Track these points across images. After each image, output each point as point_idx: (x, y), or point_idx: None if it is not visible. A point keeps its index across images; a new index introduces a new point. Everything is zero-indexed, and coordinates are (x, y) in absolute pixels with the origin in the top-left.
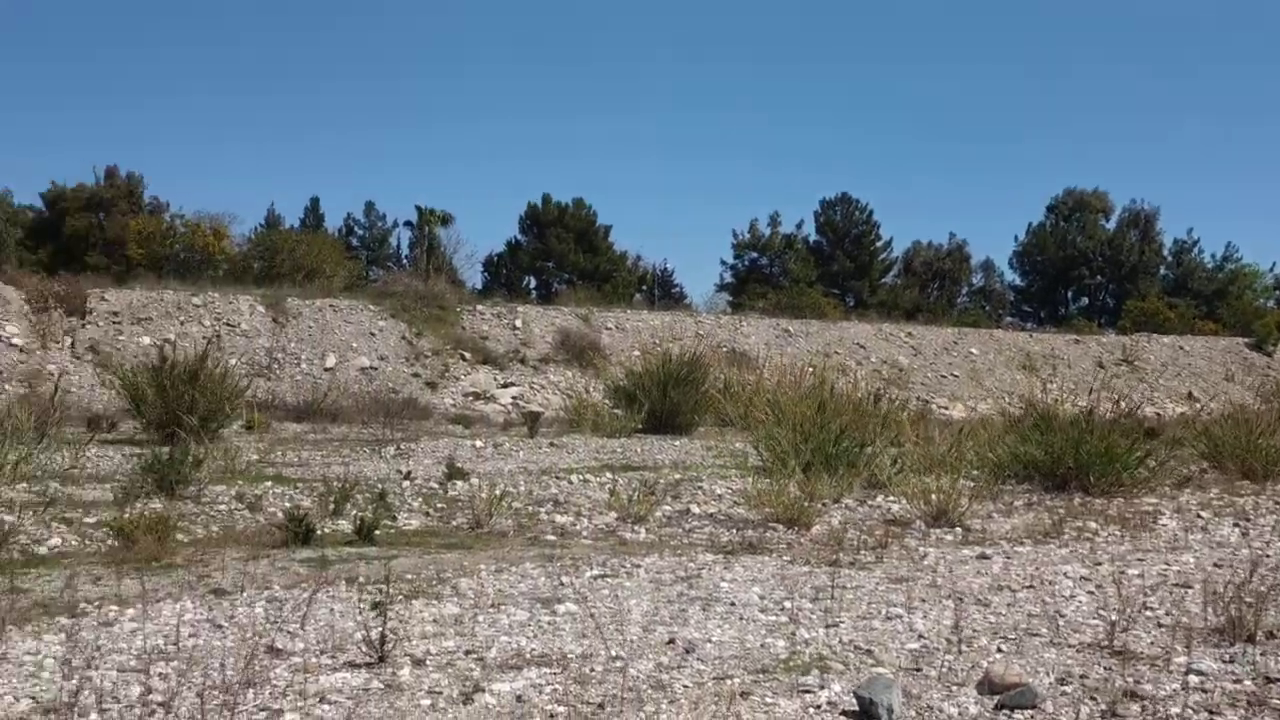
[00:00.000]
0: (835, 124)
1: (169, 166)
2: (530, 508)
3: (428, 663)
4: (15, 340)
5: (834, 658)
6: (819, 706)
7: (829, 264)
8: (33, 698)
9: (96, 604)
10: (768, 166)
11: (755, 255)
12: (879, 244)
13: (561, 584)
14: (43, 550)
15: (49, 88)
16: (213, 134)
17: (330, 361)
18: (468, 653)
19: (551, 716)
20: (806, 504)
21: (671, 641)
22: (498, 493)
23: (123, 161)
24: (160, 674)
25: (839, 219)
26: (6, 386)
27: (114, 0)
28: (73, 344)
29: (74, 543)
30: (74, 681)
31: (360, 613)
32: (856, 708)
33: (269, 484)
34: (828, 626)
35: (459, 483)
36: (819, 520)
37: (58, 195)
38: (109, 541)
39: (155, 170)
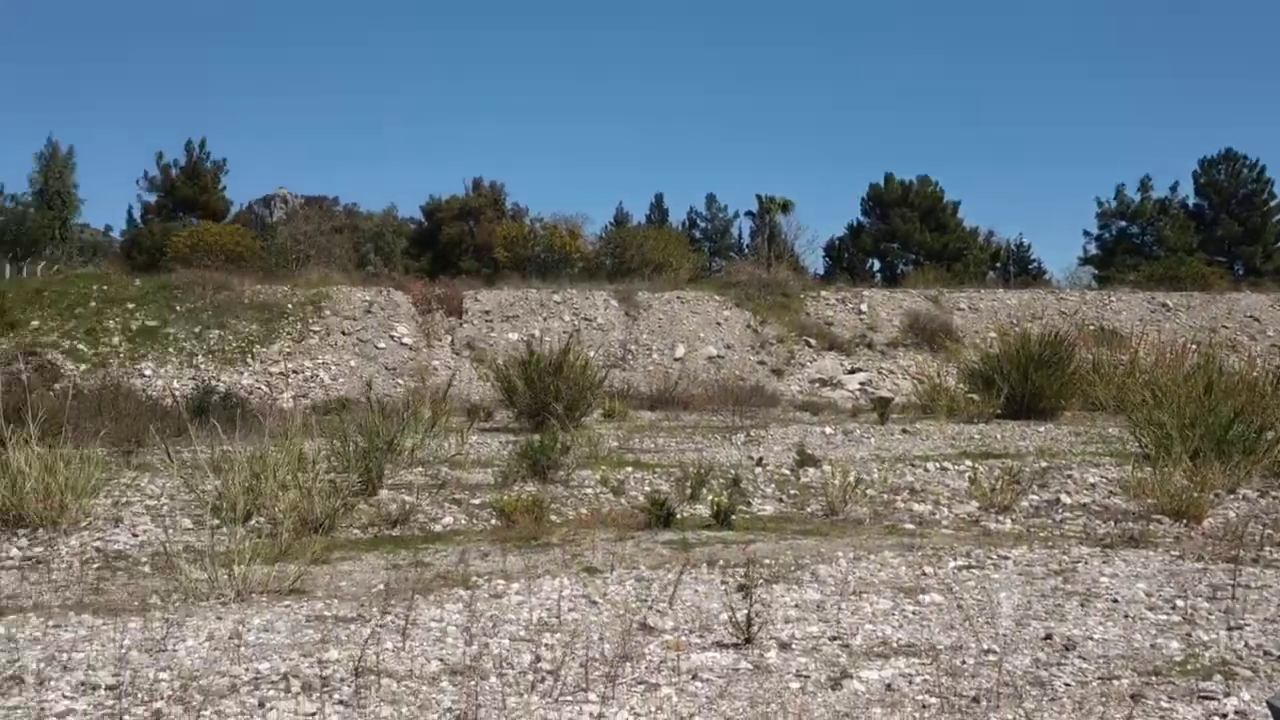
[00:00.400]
0: (1212, 75)
1: (526, 174)
2: (885, 495)
3: (793, 646)
4: (405, 340)
5: (1239, 663)
6: (1224, 715)
7: (1212, 229)
8: (441, 659)
9: (486, 578)
10: (1134, 126)
11: (1124, 224)
12: (1273, 204)
13: (924, 574)
14: (438, 528)
15: (426, 109)
16: (565, 141)
17: (680, 351)
18: (832, 639)
19: (924, 707)
20: (1196, 494)
21: (1049, 637)
22: (851, 480)
23: (486, 173)
24: (546, 644)
25: (1223, 179)
26: (399, 381)
27: (478, 40)
28: (452, 341)
29: (463, 521)
30: (474, 647)
31: (725, 595)
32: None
33: (629, 469)
34: (1230, 629)
35: (810, 469)
36: (1211, 512)
37: (435, 207)
38: (492, 521)
39: (514, 179)
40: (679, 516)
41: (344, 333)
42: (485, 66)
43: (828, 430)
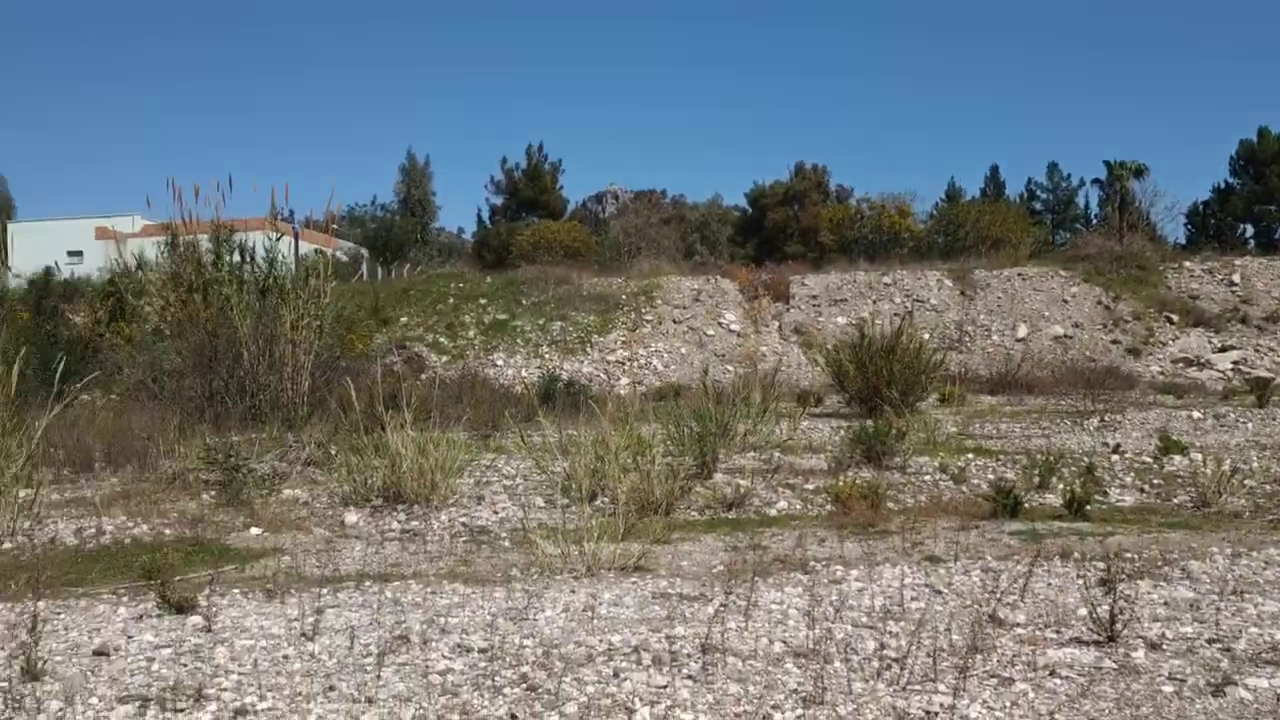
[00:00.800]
0: None
1: (850, 154)
2: (1268, 486)
3: (1164, 647)
4: (733, 326)
5: None
6: None
7: None
8: (784, 641)
9: (824, 563)
10: None
11: None
12: None
13: None
14: (773, 512)
15: (747, 98)
16: (890, 116)
17: (1021, 331)
18: (1210, 641)
19: None
20: None
21: None
22: (1226, 468)
23: (808, 156)
24: (891, 632)
25: None
26: (728, 367)
27: (789, 38)
28: (779, 327)
29: (798, 506)
30: (816, 631)
31: (1082, 589)
32: None
33: (970, 455)
34: None
35: (1176, 457)
36: None
37: (759, 194)
38: (827, 506)
39: (837, 160)
40: (1027, 506)
41: (675, 321)
42: (803, 52)
43: (1195, 414)
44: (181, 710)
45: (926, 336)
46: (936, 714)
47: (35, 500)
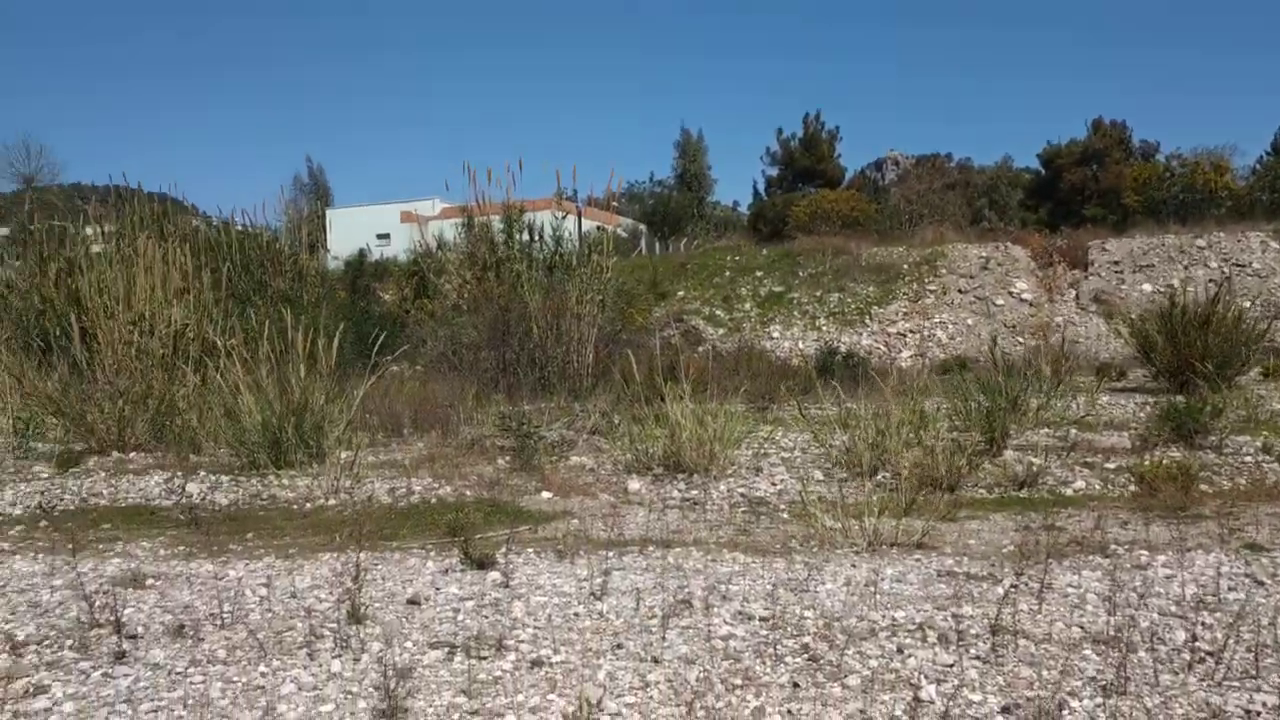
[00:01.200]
0: None
1: (1155, 110)
2: None
3: None
4: (1025, 295)
5: None
6: None
7: None
8: (1081, 627)
9: (1126, 546)
10: None
11: None
12: None
13: None
14: (1068, 491)
15: (1039, 56)
16: (1197, 70)
17: None
18: None
19: None
20: None
21: None
22: None
23: (1107, 112)
24: (1204, 623)
25: None
26: (1019, 339)
27: None
28: (1076, 295)
29: (1096, 486)
30: (1117, 618)
31: None
32: None
33: None
34: None
35: None
36: None
37: (1053, 154)
38: (1130, 487)
39: (1139, 116)
40: None
41: (960, 291)
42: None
43: None
44: (485, 658)
45: (1248, 305)
46: (1259, 714)
47: (355, 461)
